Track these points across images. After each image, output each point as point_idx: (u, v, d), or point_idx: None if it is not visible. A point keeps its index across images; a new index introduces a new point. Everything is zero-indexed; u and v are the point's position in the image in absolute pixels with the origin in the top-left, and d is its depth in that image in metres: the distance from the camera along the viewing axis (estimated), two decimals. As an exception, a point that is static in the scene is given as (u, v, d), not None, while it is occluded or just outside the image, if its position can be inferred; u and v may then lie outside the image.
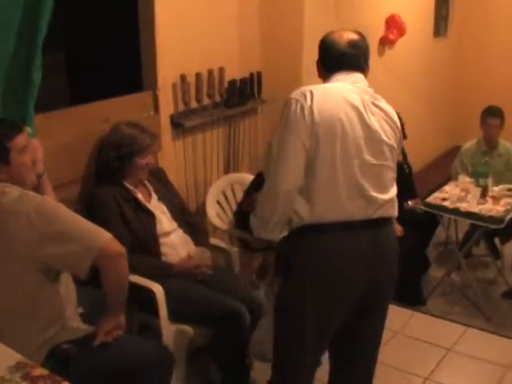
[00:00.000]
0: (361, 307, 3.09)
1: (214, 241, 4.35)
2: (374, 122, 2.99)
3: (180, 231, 4.01)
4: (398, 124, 3.13)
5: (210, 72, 4.66)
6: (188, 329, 3.71)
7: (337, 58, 3.12)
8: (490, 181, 5.67)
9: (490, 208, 5.43)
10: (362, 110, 2.97)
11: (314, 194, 2.91)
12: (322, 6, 5.18)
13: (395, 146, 3.08)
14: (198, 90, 4.61)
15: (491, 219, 5.31)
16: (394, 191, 3.10)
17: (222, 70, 4.75)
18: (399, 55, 6.77)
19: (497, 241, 6.30)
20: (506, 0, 8.06)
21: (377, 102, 3.05)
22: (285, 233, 3.08)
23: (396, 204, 3.14)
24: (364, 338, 3.25)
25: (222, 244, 4.44)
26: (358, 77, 3.11)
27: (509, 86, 7.98)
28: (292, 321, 3.10)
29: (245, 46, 5.01)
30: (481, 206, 5.44)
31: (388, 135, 3.03)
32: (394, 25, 6.49)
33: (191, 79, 4.54)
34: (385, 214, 3.04)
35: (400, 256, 3.20)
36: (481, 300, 5.59)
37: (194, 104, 4.62)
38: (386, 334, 3.68)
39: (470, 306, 5.59)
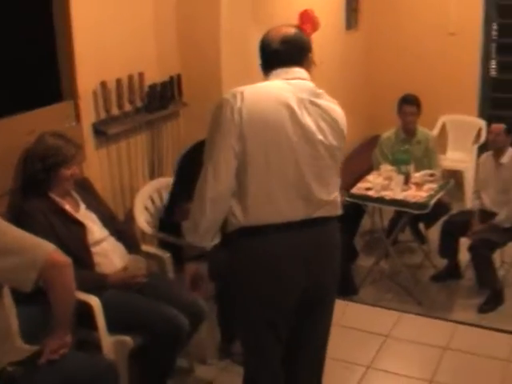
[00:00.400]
0: (305, 306, 3.11)
1: (145, 247, 4.31)
2: (309, 121, 2.94)
3: (112, 239, 3.96)
4: (342, 121, 3.08)
5: (130, 77, 4.62)
6: (127, 339, 3.67)
7: (271, 56, 3.10)
8: (411, 167, 5.79)
9: (413, 194, 5.55)
10: (296, 108, 2.92)
11: (248, 197, 2.89)
12: (238, 7, 5.19)
13: (335, 144, 3.02)
14: (119, 97, 4.56)
15: (416, 205, 5.43)
16: (336, 190, 3.10)
17: (141, 74, 4.71)
18: (314, 49, 6.79)
19: (421, 226, 6.44)
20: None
21: (315, 100, 3.00)
22: (216, 240, 3.06)
23: (339, 203, 3.13)
24: (311, 337, 3.27)
25: (153, 250, 4.40)
26: (296, 73, 3.06)
27: (420, 76, 8.16)
28: (243, 319, 3.18)
29: (163, 50, 4.98)
30: (405, 193, 5.55)
31: (325, 134, 2.98)
32: (307, 19, 6.53)
33: (111, 86, 4.49)
34: (326, 213, 3.04)
35: None
36: (411, 285, 5.71)
37: (115, 111, 4.57)
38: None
39: (400, 291, 5.71)
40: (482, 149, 7.67)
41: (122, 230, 4.15)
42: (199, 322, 3.93)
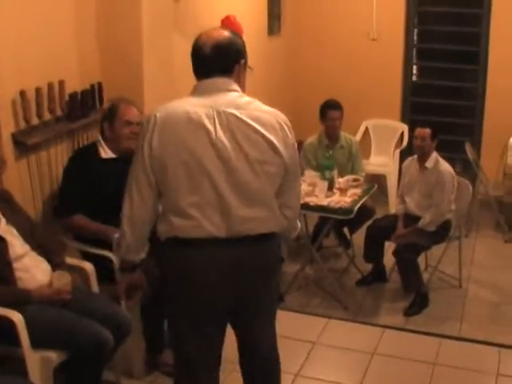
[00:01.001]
0: (238, 319, 3.23)
1: (69, 260, 4.21)
2: (224, 138, 2.91)
3: (33, 254, 3.86)
4: (273, 131, 3.00)
5: (50, 86, 4.51)
6: (52, 355, 3.58)
7: (200, 62, 3.07)
8: (335, 173, 5.83)
9: (338, 200, 5.58)
10: (209, 127, 2.91)
11: (169, 214, 2.96)
12: (160, 14, 5.13)
13: (260, 158, 2.97)
14: (39, 106, 4.44)
15: (341, 211, 5.46)
16: (265, 206, 3.04)
17: (62, 82, 4.59)
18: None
19: (346, 230, 6.48)
20: (335, 0, 8.30)
21: (236, 113, 2.95)
22: (143, 255, 3.18)
23: (276, 219, 3.11)
24: (254, 346, 3.36)
25: (77, 262, 4.30)
26: (219, 84, 3.02)
27: (344, 81, 8.23)
28: (173, 329, 3.25)
29: (83, 58, 4.88)
30: (329, 199, 5.59)
31: (245, 149, 2.93)
32: (229, 26, 6.49)
33: (31, 94, 4.37)
34: (251, 231, 3.01)
35: None
36: (337, 290, 5.74)
37: (35, 120, 4.44)
38: None
39: (327, 297, 5.74)
40: (405, 153, 7.79)
41: (45, 243, 4.04)
42: (124, 336, 3.86)
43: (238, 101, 3.01)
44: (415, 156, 5.90)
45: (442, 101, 8.47)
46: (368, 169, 7.31)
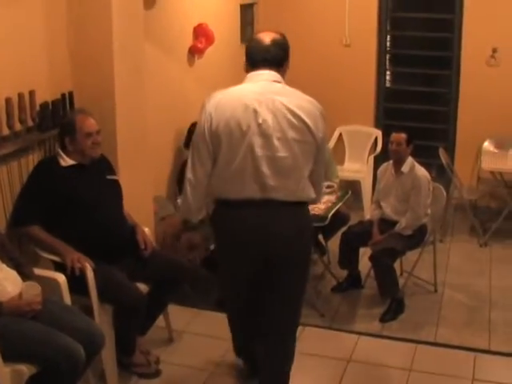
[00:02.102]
0: (271, 273, 3.76)
1: (39, 271, 4.16)
2: (268, 119, 3.51)
3: (3, 266, 3.81)
4: (308, 116, 3.58)
5: (21, 96, 4.47)
6: (23, 368, 3.52)
7: (258, 54, 3.70)
8: (309, 180, 5.80)
9: (312, 207, 5.53)
10: (258, 109, 3.51)
11: (218, 179, 3.63)
12: (131, 23, 5.10)
13: (296, 137, 3.56)
14: (9, 116, 4.40)
15: (315, 218, 5.43)
16: (295, 179, 3.62)
17: (32, 92, 4.56)
18: (209, 64, 6.81)
19: (321, 237, 6.47)
20: (308, 5, 8.34)
21: (279, 98, 3.55)
22: (201, 216, 3.84)
23: (303, 191, 3.68)
24: (280, 292, 3.86)
25: (48, 274, 4.26)
26: (266, 75, 3.65)
27: (317, 87, 8.20)
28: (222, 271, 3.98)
29: (54, 67, 4.84)
30: (303, 206, 5.56)
31: (283, 129, 3.53)
32: (202, 33, 6.51)
33: (1, 105, 4.32)
34: (280, 198, 3.61)
35: None
36: (313, 297, 5.73)
37: (5, 131, 4.40)
38: (222, 344, 3.98)
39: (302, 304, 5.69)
40: (379, 158, 7.81)
41: (15, 255, 4.00)
42: (97, 350, 3.83)
43: (283, 90, 3.64)
44: (390, 161, 5.93)
45: (415, 106, 8.50)
46: (342, 175, 7.33)
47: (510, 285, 6.23)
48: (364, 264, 5.94)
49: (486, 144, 7.92)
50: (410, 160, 5.76)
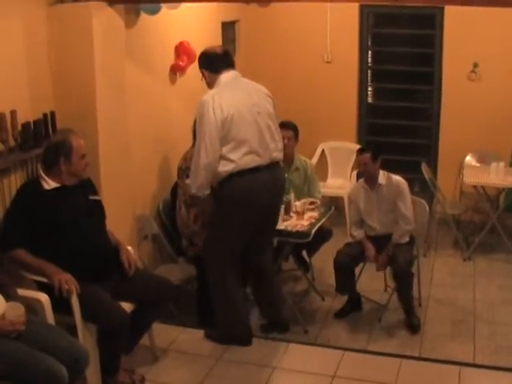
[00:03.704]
0: (264, 218, 4.93)
1: (22, 291, 4.14)
2: (256, 101, 4.78)
3: (-13, 287, 3.81)
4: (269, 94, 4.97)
5: (2, 116, 4.47)
6: (6, 388, 3.52)
7: (218, 60, 4.82)
8: (291, 196, 5.83)
9: (295, 223, 5.60)
10: (248, 94, 4.78)
11: (233, 156, 4.63)
12: (112, 41, 5.12)
13: (272, 111, 4.92)
14: (-9, 136, 4.41)
15: (298, 234, 5.47)
16: (279, 141, 4.93)
17: (13, 113, 4.56)
18: (191, 81, 6.80)
19: (304, 254, 6.48)
20: (290, 23, 8.36)
21: (255, 85, 4.93)
22: (207, 192, 4.77)
23: (282, 150, 4.98)
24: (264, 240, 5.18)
25: (31, 294, 4.24)
26: (236, 73, 4.88)
27: (299, 104, 8.28)
28: (224, 224, 4.86)
29: (35, 87, 4.85)
30: (286, 223, 5.59)
31: (267, 106, 4.89)
32: (183, 52, 6.52)
33: (-18, 125, 4.33)
34: (277, 158, 4.89)
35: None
36: (297, 314, 5.72)
37: (-13, 151, 4.41)
38: (207, 362, 3.76)
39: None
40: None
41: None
42: (81, 369, 3.81)
43: (248, 80, 4.95)
44: (360, 181, 5.99)
45: (397, 121, 8.55)
46: (325, 191, 7.34)
47: (493, 298, 6.26)
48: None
49: (468, 158, 7.99)
50: (381, 172, 5.82)
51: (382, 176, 5.80)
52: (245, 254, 5.02)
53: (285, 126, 6.02)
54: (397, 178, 5.82)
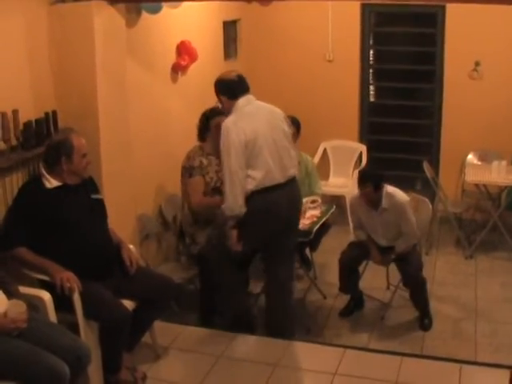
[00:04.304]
0: (283, 231, 5.06)
1: (24, 289, 4.16)
2: (274, 123, 4.98)
3: (-11, 285, 3.82)
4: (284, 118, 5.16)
5: (4, 115, 4.49)
6: (8, 387, 3.53)
7: (234, 86, 4.93)
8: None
9: (297, 222, 5.58)
10: (266, 118, 4.94)
11: (257, 175, 4.81)
12: (113, 40, 5.14)
13: (287, 131, 5.12)
14: (-7, 135, 4.42)
15: (300, 233, 5.46)
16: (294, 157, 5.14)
17: (15, 112, 4.58)
18: (193, 80, 6.83)
19: (308, 252, 6.49)
20: (291, 21, 8.38)
21: (271, 109, 5.09)
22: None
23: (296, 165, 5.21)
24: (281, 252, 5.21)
25: (33, 291, 4.25)
26: (253, 98, 4.99)
27: (301, 103, 8.28)
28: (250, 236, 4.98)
29: (37, 86, 4.87)
30: (289, 221, 5.58)
31: (284, 128, 5.07)
32: (185, 51, 6.53)
33: (-16, 124, 4.35)
34: (293, 174, 5.08)
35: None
36: (299, 312, 5.74)
37: (-11, 150, 4.43)
38: (208, 360, 4.27)
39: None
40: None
41: (0, 275, 4.00)
42: (84, 366, 3.83)
43: (263, 103, 5.07)
44: (358, 195, 5.86)
45: (399, 120, 8.54)
46: (327, 190, 7.37)
47: (495, 296, 6.27)
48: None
49: (470, 157, 7.99)
50: (385, 194, 5.67)
51: (386, 199, 5.67)
52: (265, 265, 5.35)
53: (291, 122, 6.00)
54: (399, 197, 5.68)
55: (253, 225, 4.91)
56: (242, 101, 4.89)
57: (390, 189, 5.69)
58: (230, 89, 4.92)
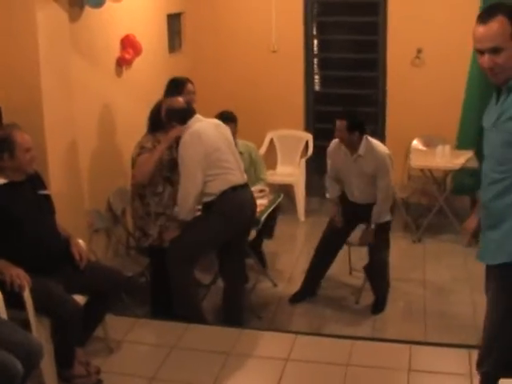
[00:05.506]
0: (243, 232, 5.44)
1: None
2: (222, 132, 5.33)
3: None
4: None
5: None
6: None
7: (184, 111, 5.23)
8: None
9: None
10: (216, 127, 5.30)
11: (223, 177, 5.14)
12: (56, 35, 5.12)
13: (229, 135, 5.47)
14: None
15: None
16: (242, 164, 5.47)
17: (-43, 109, 4.53)
18: (138, 74, 6.81)
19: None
20: (235, 14, 8.40)
21: (216, 122, 5.47)
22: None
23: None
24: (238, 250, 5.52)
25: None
26: (200, 116, 5.28)
27: (247, 94, 8.33)
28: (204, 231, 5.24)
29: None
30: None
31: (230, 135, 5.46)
32: (129, 44, 6.50)
33: None
34: (246, 179, 5.38)
35: None
36: (250, 300, 5.80)
37: None
38: (161, 352, 4.32)
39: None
40: (310, 161, 7.94)
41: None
42: (36, 363, 3.81)
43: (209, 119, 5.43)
44: (337, 140, 5.76)
45: (345, 108, 8.58)
46: (275, 179, 7.45)
47: (443, 278, 6.41)
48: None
49: (415, 142, 8.11)
50: (364, 141, 5.60)
51: (363, 146, 5.58)
52: (223, 259, 5.59)
53: (227, 118, 5.97)
54: (380, 148, 5.62)
55: (216, 222, 5.17)
56: (192, 121, 5.18)
57: (373, 140, 5.64)
58: (182, 115, 5.19)
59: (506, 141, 3.25)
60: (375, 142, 5.65)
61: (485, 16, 3.17)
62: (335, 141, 5.81)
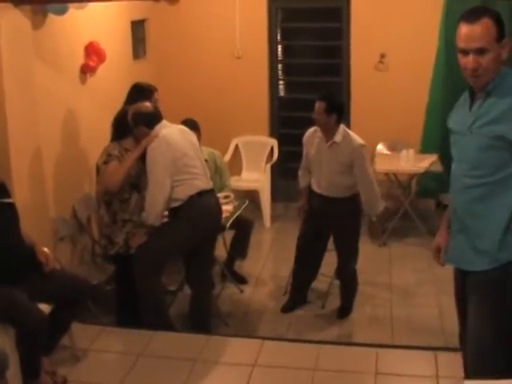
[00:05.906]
0: (205, 239, 5.40)
1: None
2: (187, 139, 5.35)
3: None
4: None
5: None
6: None
7: (152, 117, 5.23)
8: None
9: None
10: (181, 134, 5.33)
11: (189, 182, 5.17)
12: (19, 42, 5.09)
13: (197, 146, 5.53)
14: None
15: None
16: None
17: None
18: (102, 81, 6.78)
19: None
20: (199, 20, 8.41)
21: (184, 129, 5.49)
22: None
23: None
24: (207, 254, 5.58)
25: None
26: (166, 122, 5.33)
27: (211, 101, 8.34)
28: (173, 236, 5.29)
29: None
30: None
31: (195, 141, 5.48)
32: (93, 52, 6.48)
33: None
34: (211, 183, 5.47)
35: None
36: (217, 306, 5.79)
37: None
38: (128, 359, 4.27)
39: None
40: (276, 167, 7.97)
41: None
42: (1, 372, 3.78)
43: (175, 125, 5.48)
44: (315, 127, 5.69)
45: (309, 114, 8.57)
46: (240, 185, 7.46)
47: (409, 282, 6.46)
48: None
49: (380, 147, 8.17)
50: (341, 129, 5.53)
51: (339, 133, 5.50)
52: (190, 265, 5.54)
53: (190, 127, 5.90)
54: (357, 139, 5.53)
55: (184, 227, 5.23)
56: (159, 126, 5.19)
57: (350, 131, 5.61)
58: (150, 119, 5.19)
59: (484, 145, 3.23)
60: (352, 133, 5.62)
61: (472, 16, 3.17)
62: (311, 129, 5.77)
